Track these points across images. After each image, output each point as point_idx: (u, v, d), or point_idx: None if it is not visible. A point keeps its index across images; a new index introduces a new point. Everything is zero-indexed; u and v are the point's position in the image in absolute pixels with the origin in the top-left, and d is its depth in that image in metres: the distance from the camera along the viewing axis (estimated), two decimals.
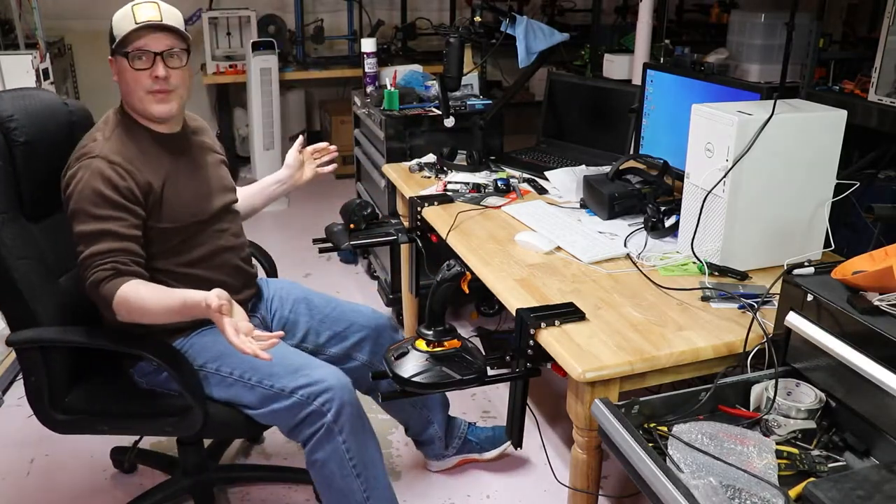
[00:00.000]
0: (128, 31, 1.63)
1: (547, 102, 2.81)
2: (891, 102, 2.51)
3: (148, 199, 1.65)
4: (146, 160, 1.68)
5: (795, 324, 1.26)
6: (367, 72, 3.28)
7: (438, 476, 2.23)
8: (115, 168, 1.61)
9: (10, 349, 2.75)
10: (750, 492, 1.05)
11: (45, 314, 1.68)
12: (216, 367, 1.68)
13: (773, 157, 1.61)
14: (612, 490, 2.19)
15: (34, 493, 2.19)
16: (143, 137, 1.71)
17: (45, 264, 1.72)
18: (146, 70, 1.64)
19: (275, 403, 1.62)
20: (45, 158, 1.73)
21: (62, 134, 1.79)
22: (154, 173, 1.68)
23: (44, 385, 1.70)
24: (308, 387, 1.60)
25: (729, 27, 3.65)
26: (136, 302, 1.54)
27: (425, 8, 5.30)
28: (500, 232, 1.97)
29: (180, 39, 1.68)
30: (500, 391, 2.59)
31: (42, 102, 1.80)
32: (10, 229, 1.65)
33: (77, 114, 1.88)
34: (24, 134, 1.70)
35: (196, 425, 1.67)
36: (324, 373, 1.63)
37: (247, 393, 1.65)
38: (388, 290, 3.06)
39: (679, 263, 1.73)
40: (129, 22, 1.63)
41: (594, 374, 1.32)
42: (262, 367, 1.62)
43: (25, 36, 3.73)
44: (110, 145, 1.65)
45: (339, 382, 1.62)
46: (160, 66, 1.65)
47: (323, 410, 1.59)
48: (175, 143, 1.77)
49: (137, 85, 1.66)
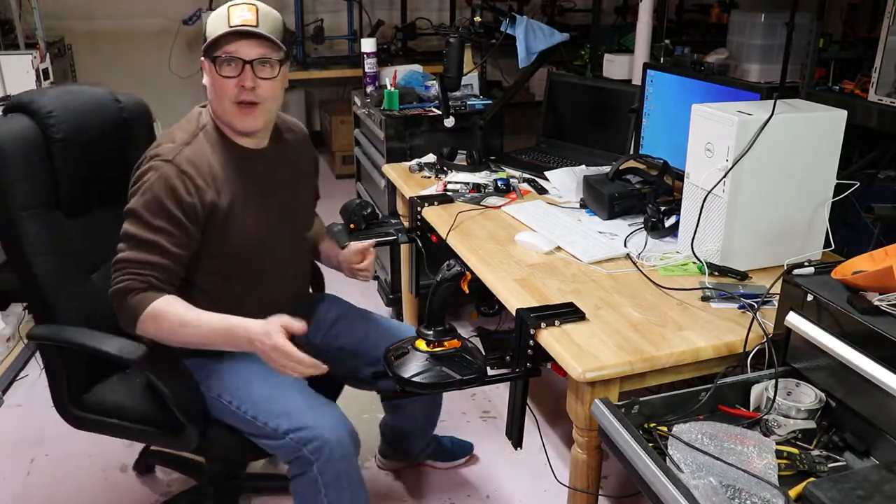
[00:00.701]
0: (219, 35, 1.52)
1: (547, 102, 2.81)
2: (891, 102, 2.51)
3: (209, 221, 1.56)
4: (219, 177, 1.58)
5: (795, 324, 1.25)
6: (367, 72, 3.28)
7: (438, 476, 2.23)
8: (184, 179, 1.52)
9: (10, 349, 2.77)
10: (750, 492, 1.05)
11: (64, 311, 1.67)
12: (218, 393, 1.62)
13: (773, 157, 1.60)
14: (612, 490, 2.19)
15: (34, 493, 2.19)
16: (224, 150, 1.61)
17: (75, 261, 1.72)
18: (234, 78, 1.54)
19: (265, 440, 1.58)
20: (85, 155, 1.72)
21: (108, 130, 1.78)
22: (224, 193, 1.57)
23: (62, 380, 1.70)
24: (299, 431, 1.52)
25: (729, 27, 3.65)
26: (171, 317, 1.49)
27: (425, 8, 5.30)
28: (500, 232, 1.97)
29: (275, 48, 1.55)
30: (500, 391, 2.59)
31: (88, 98, 1.78)
32: (37, 225, 1.65)
33: (130, 109, 1.86)
34: (62, 130, 1.69)
35: (191, 444, 1.64)
36: (321, 419, 1.54)
37: (242, 424, 1.60)
38: (388, 290, 3.06)
39: (679, 263, 1.73)
40: (223, 23, 1.53)
41: (594, 374, 1.32)
42: (259, 403, 1.57)
43: (25, 36, 3.73)
44: (187, 152, 1.55)
45: (334, 434, 1.52)
46: (249, 75, 1.53)
47: (311, 459, 1.52)
48: (256, 161, 1.65)
49: (223, 93, 1.55)
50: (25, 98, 1.72)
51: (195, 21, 4.59)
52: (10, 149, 1.63)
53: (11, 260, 1.67)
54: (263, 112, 1.59)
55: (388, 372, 1.49)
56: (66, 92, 1.75)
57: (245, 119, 1.58)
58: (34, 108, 1.69)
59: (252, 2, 1.55)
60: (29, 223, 1.64)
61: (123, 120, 1.83)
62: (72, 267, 1.71)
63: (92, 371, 1.74)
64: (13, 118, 1.69)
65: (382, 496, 2.14)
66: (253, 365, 1.59)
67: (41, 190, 1.68)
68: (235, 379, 1.60)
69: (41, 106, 1.69)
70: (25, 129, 1.67)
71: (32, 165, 1.66)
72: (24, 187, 1.64)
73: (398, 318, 2.98)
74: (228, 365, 1.63)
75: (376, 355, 1.68)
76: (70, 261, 1.71)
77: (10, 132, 1.65)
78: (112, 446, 2.23)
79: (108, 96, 1.84)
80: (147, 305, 1.49)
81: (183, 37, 4.84)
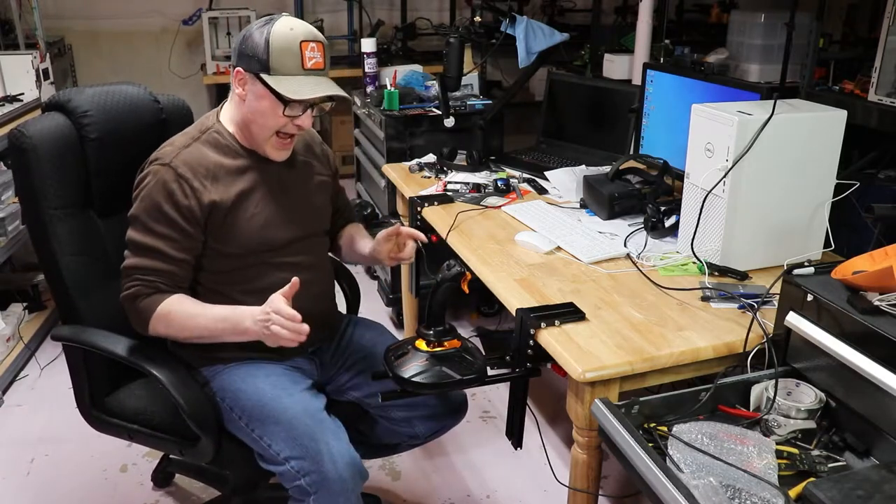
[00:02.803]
0: (292, 75, 1.50)
1: (547, 102, 2.81)
2: (891, 102, 2.51)
3: (211, 220, 1.54)
4: (221, 177, 1.56)
5: (795, 324, 1.25)
6: (367, 72, 3.28)
7: (438, 476, 2.23)
8: (181, 182, 1.51)
9: (10, 349, 2.77)
10: (750, 492, 1.05)
11: (90, 312, 1.67)
12: (230, 404, 1.59)
13: (772, 157, 1.60)
14: (612, 490, 2.19)
15: (34, 493, 2.19)
16: (230, 152, 1.59)
17: (104, 262, 1.72)
18: (292, 117, 1.54)
19: (267, 463, 1.55)
20: (120, 155, 1.72)
21: (146, 131, 1.77)
22: (226, 192, 1.56)
23: (84, 382, 1.70)
24: (300, 460, 1.49)
25: (729, 27, 3.65)
26: (179, 313, 1.50)
27: (425, 8, 5.29)
28: (500, 232, 1.97)
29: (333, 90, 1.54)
30: (500, 391, 2.59)
31: (126, 98, 1.77)
32: (68, 225, 1.65)
33: (170, 110, 1.86)
34: (97, 130, 1.69)
35: (206, 455, 1.61)
36: (324, 452, 1.48)
37: (249, 441, 1.58)
38: (388, 290, 3.06)
39: (679, 263, 1.73)
40: (294, 61, 1.50)
41: (594, 374, 1.32)
42: (267, 421, 1.53)
43: (25, 36, 3.73)
44: (185, 155, 1.54)
45: (335, 469, 1.47)
46: (307, 116, 1.55)
47: (308, 491, 1.48)
48: (265, 163, 1.63)
49: (269, 122, 1.54)
50: (63, 96, 1.72)
51: (195, 21, 4.58)
52: (45, 147, 1.63)
53: (40, 258, 1.67)
54: (295, 140, 1.62)
55: (389, 372, 1.49)
56: (104, 91, 1.74)
57: (281, 151, 1.60)
58: (71, 107, 1.70)
59: (320, 39, 1.54)
60: (60, 222, 1.64)
61: (162, 121, 1.82)
62: (100, 268, 1.71)
63: (117, 374, 1.74)
64: (50, 116, 1.70)
65: (382, 496, 2.14)
66: (270, 380, 1.59)
67: (74, 189, 1.68)
68: (249, 393, 1.58)
69: (78, 105, 1.69)
70: (61, 127, 1.68)
71: (66, 164, 1.67)
72: (57, 186, 1.65)
73: (398, 318, 2.98)
74: (244, 377, 1.61)
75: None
76: (99, 262, 1.71)
77: (46, 130, 1.65)
78: (112, 446, 2.23)
79: (147, 97, 1.83)
80: (156, 307, 1.51)
81: (183, 37, 4.84)
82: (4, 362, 2.70)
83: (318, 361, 1.76)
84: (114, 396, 1.73)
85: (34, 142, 1.61)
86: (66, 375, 1.74)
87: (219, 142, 1.60)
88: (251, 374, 1.61)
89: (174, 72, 4.80)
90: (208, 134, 1.60)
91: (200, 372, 1.65)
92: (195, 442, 1.60)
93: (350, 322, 1.85)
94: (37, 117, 1.70)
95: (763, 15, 3.39)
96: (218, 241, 1.57)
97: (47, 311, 3.07)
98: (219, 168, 1.57)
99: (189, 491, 2.18)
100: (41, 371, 2.78)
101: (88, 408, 1.72)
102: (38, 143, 1.61)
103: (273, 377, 1.61)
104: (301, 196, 1.69)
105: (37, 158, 1.61)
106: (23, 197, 1.68)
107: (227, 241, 1.58)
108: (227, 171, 1.58)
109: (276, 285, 1.46)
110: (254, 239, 1.60)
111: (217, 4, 4.67)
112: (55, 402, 2.58)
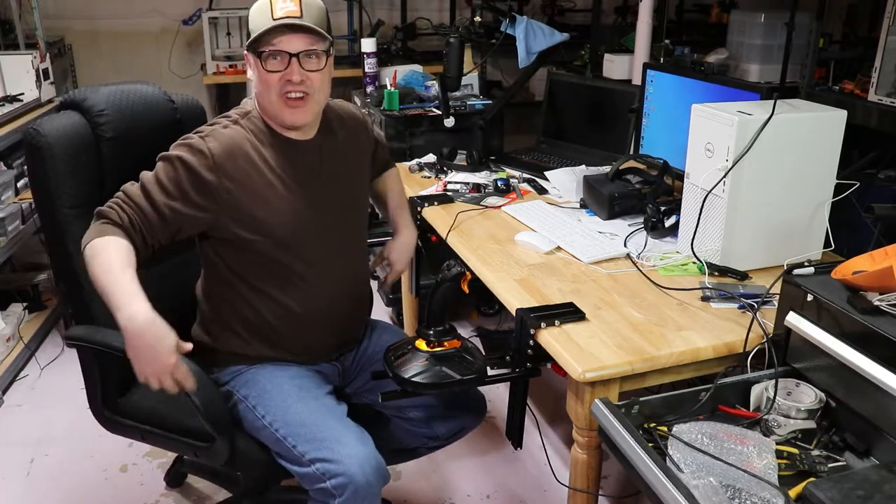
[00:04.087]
0: (263, 30, 1.48)
1: (547, 102, 2.81)
2: (891, 102, 2.51)
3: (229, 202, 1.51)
4: (253, 161, 1.54)
5: (795, 324, 1.25)
6: (367, 72, 3.28)
7: (439, 476, 2.23)
8: (206, 158, 1.49)
9: (10, 349, 2.77)
10: (750, 492, 1.06)
11: (103, 312, 1.62)
12: (254, 403, 1.57)
13: (772, 157, 1.60)
14: (612, 490, 2.19)
15: (34, 493, 2.19)
16: (265, 138, 1.58)
17: None
18: (280, 72, 1.50)
19: (291, 464, 1.52)
20: (135, 155, 1.70)
21: (161, 131, 1.75)
22: (253, 178, 1.53)
23: (96, 382, 1.69)
24: (326, 462, 1.46)
25: (729, 27, 3.64)
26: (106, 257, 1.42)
27: (425, 8, 5.29)
28: (500, 232, 1.97)
29: (321, 39, 1.51)
30: (500, 391, 2.59)
31: (142, 98, 1.77)
32: (83, 224, 1.62)
33: (184, 110, 1.86)
34: (112, 129, 1.69)
35: (221, 457, 1.60)
36: (351, 454, 1.46)
37: (271, 442, 1.55)
38: (388, 290, 3.06)
39: (679, 263, 1.73)
40: (266, 17, 1.48)
41: (594, 374, 1.32)
42: (293, 421, 1.52)
43: (25, 36, 3.72)
44: (218, 134, 1.53)
45: (362, 471, 1.45)
46: (296, 68, 1.49)
47: (333, 493, 1.46)
48: (300, 151, 1.60)
49: (269, 87, 1.51)
50: (79, 95, 1.72)
51: (195, 21, 4.58)
52: (60, 146, 1.62)
53: (54, 257, 1.67)
54: (312, 104, 1.55)
55: (389, 372, 1.49)
56: (119, 90, 1.74)
57: (294, 113, 1.54)
58: (87, 106, 1.69)
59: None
60: (74, 221, 1.64)
61: (177, 121, 1.82)
62: None
63: (130, 375, 1.71)
64: (65, 115, 1.69)
65: (382, 496, 2.13)
66: (295, 381, 1.58)
67: (88, 188, 1.68)
68: (274, 393, 1.57)
69: (94, 104, 1.69)
70: (76, 125, 1.67)
71: (81, 163, 1.66)
72: (71, 185, 1.64)
73: (398, 318, 2.98)
74: (269, 377, 1.60)
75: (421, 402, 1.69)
76: None
77: (61, 128, 1.64)
78: (112, 446, 2.23)
79: (162, 96, 1.83)
80: (103, 236, 1.45)
81: (183, 37, 4.83)
82: (4, 362, 2.70)
83: (339, 368, 1.75)
84: (127, 397, 1.72)
85: (49, 140, 1.61)
86: (66, 376, 1.74)
87: (257, 127, 1.58)
88: (276, 374, 1.60)
89: (174, 72, 4.80)
90: (248, 118, 1.59)
91: (217, 372, 1.63)
92: (210, 443, 1.59)
93: (367, 325, 1.84)
94: (52, 116, 1.69)
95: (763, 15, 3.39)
96: (241, 226, 1.54)
97: (47, 311, 3.07)
98: (253, 152, 1.55)
99: (192, 492, 2.18)
100: (41, 371, 2.78)
101: (101, 409, 1.71)
102: (53, 142, 1.61)
103: (298, 379, 1.60)
104: (338, 187, 1.66)
105: (52, 157, 1.61)
106: (37, 196, 1.68)
107: (252, 227, 1.54)
108: (262, 157, 1.56)
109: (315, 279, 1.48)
110: (283, 227, 1.56)
111: (217, 4, 4.66)
112: (55, 402, 2.58)
